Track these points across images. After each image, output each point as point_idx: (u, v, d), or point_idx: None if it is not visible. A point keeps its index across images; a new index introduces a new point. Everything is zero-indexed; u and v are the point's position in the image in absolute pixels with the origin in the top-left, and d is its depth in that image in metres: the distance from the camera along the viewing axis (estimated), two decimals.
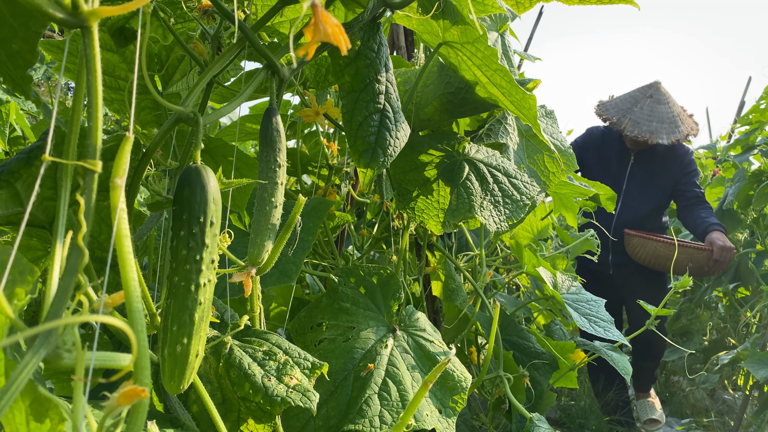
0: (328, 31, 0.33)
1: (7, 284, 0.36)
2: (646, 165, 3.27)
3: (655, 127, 3.07)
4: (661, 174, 3.26)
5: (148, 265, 1.03)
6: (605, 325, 1.48)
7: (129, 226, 0.42)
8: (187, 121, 0.58)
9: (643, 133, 3.04)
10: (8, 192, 0.56)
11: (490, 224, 1.04)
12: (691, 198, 3.25)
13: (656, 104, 3.16)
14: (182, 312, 0.53)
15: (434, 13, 0.87)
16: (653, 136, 3.03)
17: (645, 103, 3.16)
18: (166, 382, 0.54)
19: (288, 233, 0.64)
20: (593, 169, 3.36)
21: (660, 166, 3.26)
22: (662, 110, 3.14)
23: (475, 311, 1.46)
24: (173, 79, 0.97)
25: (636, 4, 0.92)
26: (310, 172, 1.47)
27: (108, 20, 0.78)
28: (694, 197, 3.25)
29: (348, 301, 1.01)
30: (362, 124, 0.84)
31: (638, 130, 3.05)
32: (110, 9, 0.38)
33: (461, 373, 0.96)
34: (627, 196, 3.28)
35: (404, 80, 1.20)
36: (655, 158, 3.27)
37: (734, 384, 4.23)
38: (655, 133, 3.04)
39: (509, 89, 0.96)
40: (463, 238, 1.81)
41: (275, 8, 0.71)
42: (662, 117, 3.11)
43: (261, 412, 0.70)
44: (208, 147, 1.10)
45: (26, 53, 0.53)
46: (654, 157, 3.27)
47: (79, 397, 0.37)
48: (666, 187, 3.28)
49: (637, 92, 3.27)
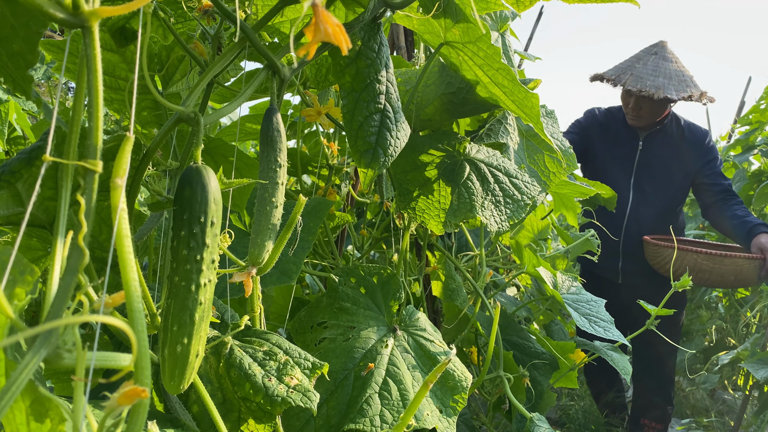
0: (329, 31, 0.33)
1: (8, 284, 0.36)
2: (658, 151, 2.75)
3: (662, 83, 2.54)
4: (677, 162, 2.74)
5: (149, 265, 1.03)
6: (605, 325, 1.48)
7: (129, 226, 0.42)
8: (187, 121, 0.58)
9: (648, 87, 2.51)
10: (9, 192, 0.56)
11: (491, 224, 1.04)
12: (718, 192, 2.70)
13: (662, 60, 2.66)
14: (183, 312, 0.53)
15: (435, 13, 0.87)
16: (660, 90, 2.49)
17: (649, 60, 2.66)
18: (167, 382, 0.54)
19: (288, 233, 0.64)
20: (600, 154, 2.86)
21: (674, 153, 2.74)
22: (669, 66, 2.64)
23: (475, 311, 1.46)
24: (173, 79, 0.97)
25: (637, 3, 0.92)
26: (311, 172, 1.47)
27: (108, 20, 0.78)
28: (722, 191, 2.70)
29: (348, 300, 1.01)
30: (363, 124, 0.84)
31: (641, 84, 2.53)
32: (111, 9, 0.38)
33: (462, 373, 0.96)
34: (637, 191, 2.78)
35: (405, 80, 1.20)
36: (669, 143, 2.74)
37: (734, 384, 4.23)
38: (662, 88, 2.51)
39: (511, 88, 0.96)
40: (463, 238, 1.81)
41: (276, 8, 0.71)
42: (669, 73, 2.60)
43: (261, 412, 0.70)
44: (209, 147, 1.10)
45: (27, 53, 0.53)
46: (667, 141, 2.74)
47: (80, 397, 0.36)
48: (683, 178, 2.76)
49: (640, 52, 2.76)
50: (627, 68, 2.65)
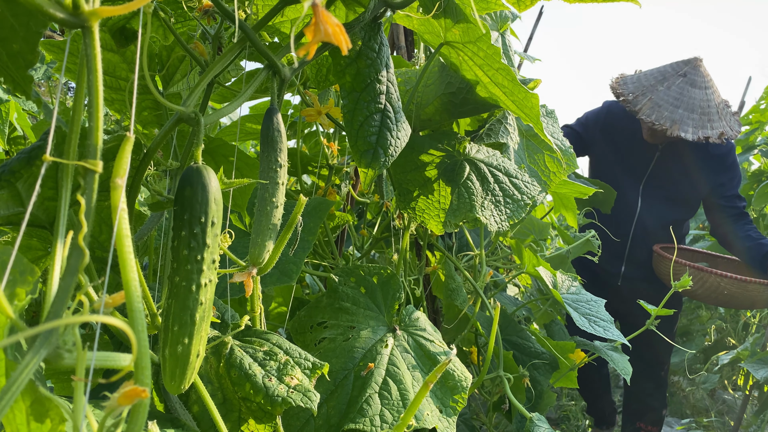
0: (329, 31, 0.33)
1: (8, 284, 0.36)
2: (676, 161, 2.57)
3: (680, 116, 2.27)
4: (695, 174, 2.56)
5: (149, 265, 1.03)
6: (605, 324, 1.48)
7: (130, 226, 0.42)
8: (188, 121, 0.58)
9: (663, 120, 2.26)
10: (9, 192, 0.56)
11: (491, 224, 1.04)
12: (734, 215, 2.57)
13: (688, 86, 2.34)
14: (183, 312, 0.53)
15: (435, 13, 0.87)
16: (675, 126, 2.25)
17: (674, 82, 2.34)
18: (167, 382, 0.54)
19: (289, 233, 0.64)
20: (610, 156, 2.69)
21: (693, 164, 2.55)
22: (695, 95, 2.32)
23: (475, 311, 1.46)
24: (174, 79, 0.97)
25: (638, 2, 0.92)
26: (311, 172, 1.47)
27: (109, 20, 0.78)
28: (738, 214, 2.57)
29: (348, 300, 1.01)
30: (363, 124, 0.84)
31: (656, 115, 2.27)
32: (111, 9, 0.38)
33: (461, 373, 0.96)
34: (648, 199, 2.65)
35: (405, 80, 1.20)
36: (689, 153, 2.54)
37: (734, 384, 4.23)
38: (678, 123, 2.26)
39: (511, 88, 0.96)
40: (463, 238, 1.81)
41: (276, 8, 0.71)
42: (693, 104, 2.30)
43: (262, 413, 0.70)
44: (209, 147, 1.10)
45: (27, 53, 0.53)
46: (687, 151, 2.53)
47: (80, 397, 0.36)
48: (699, 192, 2.60)
49: (668, 67, 2.43)
50: (648, 90, 2.37)
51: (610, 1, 0.93)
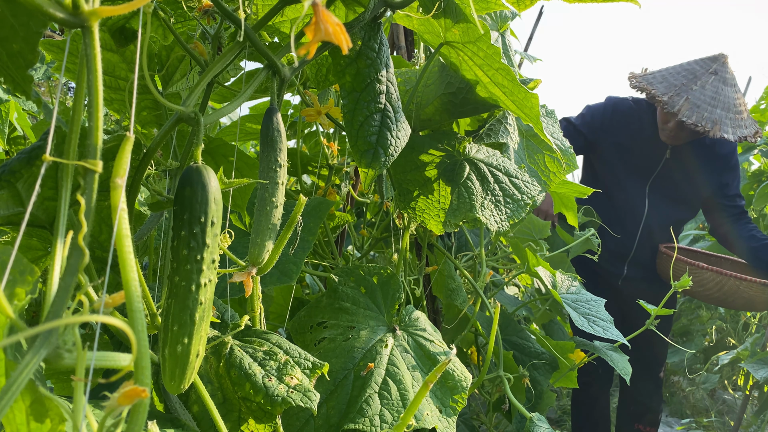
0: (329, 31, 0.33)
1: (8, 284, 0.36)
2: (683, 161, 2.53)
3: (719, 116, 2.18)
4: (701, 174, 2.54)
5: (149, 265, 1.03)
6: (604, 324, 1.48)
7: (129, 226, 0.42)
8: (188, 121, 0.58)
9: (704, 121, 2.16)
10: (9, 192, 0.56)
11: (491, 224, 1.04)
12: (736, 214, 2.57)
13: (721, 84, 2.25)
14: (183, 312, 0.53)
15: (435, 13, 0.87)
16: (716, 127, 2.15)
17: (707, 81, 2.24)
18: (167, 382, 0.54)
19: (289, 233, 0.64)
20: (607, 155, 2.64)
21: (700, 164, 2.52)
22: (728, 94, 2.24)
23: (475, 311, 1.46)
24: (173, 79, 0.97)
25: (638, 3, 0.92)
26: (311, 172, 1.47)
27: (108, 20, 0.78)
28: (739, 213, 2.57)
29: (348, 300, 1.01)
30: (363, 123, 0.84)
31: (697, 116, 2.16)
32: (111, 9, 0.38)
33: (461, 373, 0.96)
34: (654, 199, 2.61)
35: (405, 80, 1.20)
36: (696, 153, 2.51)
37: (734, 384, 4.23)
38: (719, 124, 2.16)
39: (511, 88, 0.96)
40: (463, 238, 1.81)
41: (276, 8, 0.71)
42: (728, 103, 2.22)
43: (262, 412, 0.70)
44: (209, 147, 1.10)
45: (27, 53, 0.53)
46: (694, 150, 2.50)
47: (80, 397, 0.36)
48: (702, 192, 2.58)
49: (695, 65, 2.34)
50: (682, 89, 2.24)
51: (610, 1, 0.93)
